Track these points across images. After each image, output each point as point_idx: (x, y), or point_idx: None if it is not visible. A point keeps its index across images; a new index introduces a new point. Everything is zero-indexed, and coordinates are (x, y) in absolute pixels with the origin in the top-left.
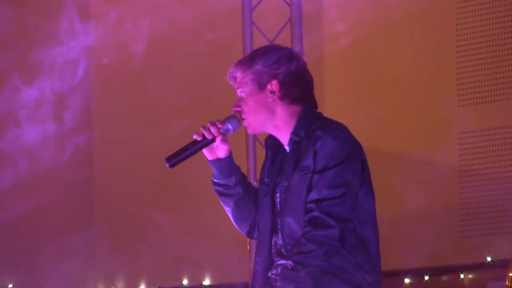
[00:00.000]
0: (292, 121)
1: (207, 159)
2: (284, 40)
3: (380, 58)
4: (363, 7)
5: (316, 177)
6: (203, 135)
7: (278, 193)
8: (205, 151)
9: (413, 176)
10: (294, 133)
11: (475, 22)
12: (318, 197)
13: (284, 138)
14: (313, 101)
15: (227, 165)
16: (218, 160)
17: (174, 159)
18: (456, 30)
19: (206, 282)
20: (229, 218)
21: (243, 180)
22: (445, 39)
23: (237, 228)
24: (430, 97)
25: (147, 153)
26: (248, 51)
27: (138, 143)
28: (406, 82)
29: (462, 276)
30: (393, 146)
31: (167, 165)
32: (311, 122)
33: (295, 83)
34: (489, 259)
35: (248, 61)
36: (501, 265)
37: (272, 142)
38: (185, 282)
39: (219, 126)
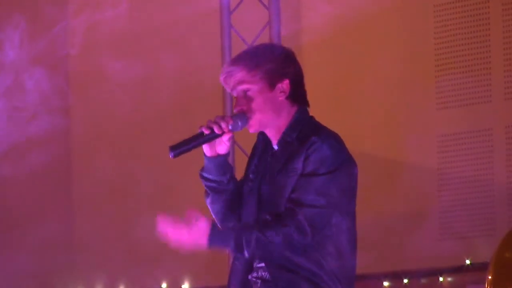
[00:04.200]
0: (287, 120)
1: (205, 154)
2: None
3: (358, 61)
4: (341, 10)
5: (302, 179)
6: (211, 129)
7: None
8: (205, 146)
9: (391, 179)
10: (286, 133)
11: (453, 24)
12: (300, 200)
13: (275, 135)
14: (306, 101)
15: (225, 161)
16: (218, 156)
17: (178, 149)
18: (435, 33)
19: (185, 286)
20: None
21: (233, 175)
22: (423, 41)
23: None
24: (409, 99)
25: (129, 152)
26: (226, 54)
27: (121, 143)
28: (384, 85)
29: (441, 279)
30: (370, 148)
31: (171, 155)
32: (304, 126)
33: (301, 82)
34: (468, 262)
35: (253, 59)
36: (480, 268)
37: (263, 138)
38: (164, 286)
39: (230, 122)
